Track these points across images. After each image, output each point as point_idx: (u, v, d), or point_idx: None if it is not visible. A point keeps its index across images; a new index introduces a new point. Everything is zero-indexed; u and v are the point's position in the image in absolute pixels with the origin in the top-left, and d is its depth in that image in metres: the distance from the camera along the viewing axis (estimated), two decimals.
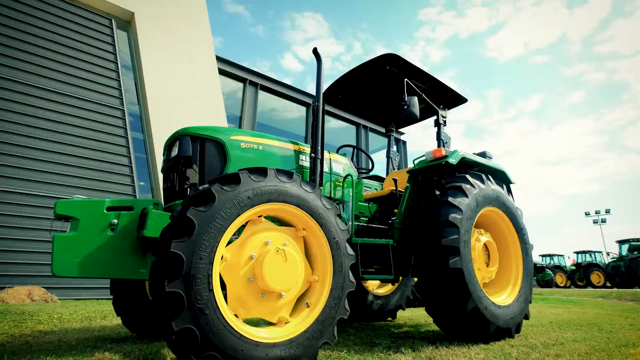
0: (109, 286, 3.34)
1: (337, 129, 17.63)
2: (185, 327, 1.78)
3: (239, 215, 2.05)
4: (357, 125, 17.97)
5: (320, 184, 3.16)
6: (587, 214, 31.99)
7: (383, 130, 5.56)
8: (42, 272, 8.18)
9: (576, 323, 4.84)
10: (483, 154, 4.24)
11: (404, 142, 20.00)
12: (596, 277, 21.74)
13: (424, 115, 5.01)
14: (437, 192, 3.52)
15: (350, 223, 3.30)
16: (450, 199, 3.31)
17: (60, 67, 9.57)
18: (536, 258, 26.49)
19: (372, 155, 5.14)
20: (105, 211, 2.49)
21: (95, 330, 3.68)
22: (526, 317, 3.64)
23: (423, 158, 3.87)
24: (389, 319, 4.98)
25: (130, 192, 9.85)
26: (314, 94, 3.30)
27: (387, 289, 5.05)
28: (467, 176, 3.56)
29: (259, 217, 2.25)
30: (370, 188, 4.93)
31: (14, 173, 8.44)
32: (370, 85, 4.50)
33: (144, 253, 2.60)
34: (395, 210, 3.88)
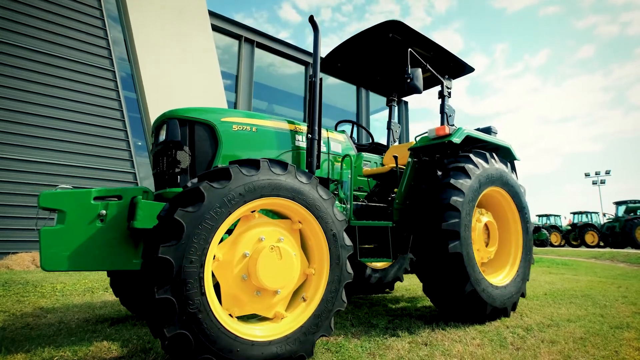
0: None
1: (336, 86, 17.06)
2: (178, 333, 1.74)
3: (230, 214, 1.95)
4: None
5: (318, 166, 3.03)
6: (586, 174, 32.01)
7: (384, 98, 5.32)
8: None
9: (570, 294, 4.92)
10: (488, 130, 4.06)
11: (406, 103, 19.51)
12: (590, 237, 22.20)
13: (427, 85, 4.76)
14: (439, 173, 3.39)
15: (349, 206, 3.21)
16: (452, 180, 3.19)
17: (48, 26, 9.04)
18: (533, 218, 26.89)
19: (373, 117, 4.96)
20: (92, 202, 2.38)
21: (96, 307, 3.72)
22: (523, 295, 3.67)
23: (425, 134, 3.70)
24: (387, 290, 5.06)
25: (126, 157, 9.71)
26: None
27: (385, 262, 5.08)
28: (471, 155, 3.42)
29: (252, 212, 2.14)
30: (369, 162, 4.80)
31: (14, 140, 8.29)
32: (371, 53, 4.22)
33: (136, 243, 2.52)
34: (395, 190, 3.78)
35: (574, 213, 24.37)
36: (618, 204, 21.60)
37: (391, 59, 4.31)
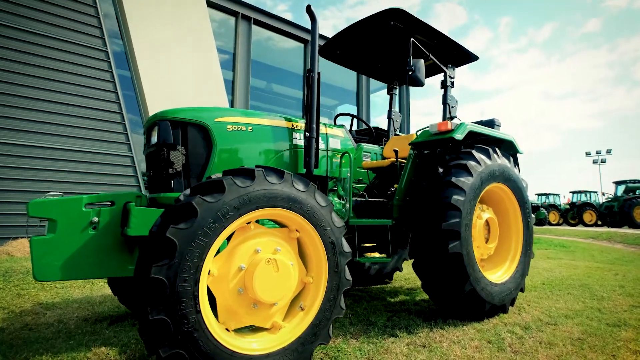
0: None
1: (336, 67, 16.68)
2: (173, 353, 1.71)
3: (225, 228, 1.89)
4: None
5: (316, 165, 2.95)
6: (587, 153, 31.83)
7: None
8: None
9: (568, 284, 4.95)
10: (491, 122, 3.96)
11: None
12: (588, 216, 22.35)
13: (430, 73, 4.61)
14: (440, 170, 3.31)
15: (348, 205, 3.15)
16: (453, 179, 3.12)
17: (34, 3, 8.68)
18: (532, 197, 26.99)
19: (373, 96, 4.84)
20: (83, 209, 2.32)
21: (95, 303, 3.73)
22: (521, 290, 3.67)
23: (427, 129, 3.60)
24: (387, 280, 5.08)
25: (122, 139, 9.56)
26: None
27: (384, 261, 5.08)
28: (473, 152, 3.34)
29: (247, 223, 2.08)
30: (369, 153, 4.71)
31: (15, 125, 8.17)
32: (372, 41, 4.05)
33: (131, 249, 2.48)
34: (395, 186, 3.72)
35: (573, 192, 24.43)
36: (617, 183, 21.61)
37: (392, 47, 4.15)
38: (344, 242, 2.37)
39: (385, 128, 5.48)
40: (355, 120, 4.41)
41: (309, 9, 3.01)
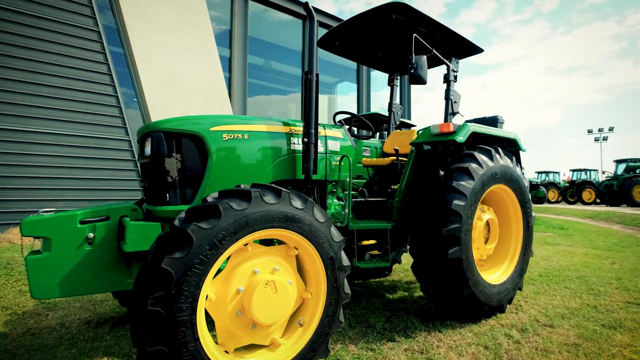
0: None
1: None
2: None
3: (221, 254, 1.86)
4: None
5: (315, 171, 2.89)
6: (589, 131, 31.52)
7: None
8: (48, 200, 8.35)
9: (565, 275, 5.00)
10: (495, 120, 3.86)
11: None
12: (587, 194, 22.42)
13: (432, 64, 4.46)
14: (442, 173, 3.25)
15: (347, 211, 3.11)
16: (455, 183, 3.07)
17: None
18: (532, 175, 26.98)
19: (373, 72, 4.73)
20: (78, 225, 2.29)
21: (97, 303, 3.76)
22: (519, 288, 3.70)
23: (429, 128, 3.51)
24: (386, 272, 5.12)
25: (114, 103, 9.33)
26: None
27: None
28: (475, 153, 3.27)
29: (245, 245, 2.05)
30: (369, 147, 4.64)
31: (13, 110, 8.02)
32: (373, 33, 3.89)
33: (129, 263, 2.47)
34: (395, 187, 3.67)
35: (573, 170, 24.39)
36: (618, 162, 21.52)
37: (394, 39, 3.99)
38: (343, 257, 2.35)
39: (386, 114, 5.36)
40: (355, 116, 4.30)
41: (306, 6, 2.86)
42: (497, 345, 2.81)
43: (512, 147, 3.95)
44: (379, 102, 18.19)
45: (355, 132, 4.39)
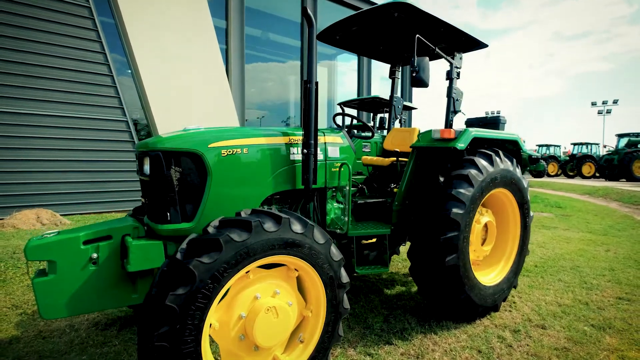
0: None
1: (335, 16, 15.66)
2: None
3: (224, 286, 1.90)
4: None
5: (315, 181, 2.89)
6: (593, 103, 30.98)
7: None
8: (49, 190, 8.41)
9: (559, 266, 5.12)
10: (497, 119, 3.81)
11: None
12: (587, 169, 22.44)
13: (434, 57, 4.34)
14: (441, 179, 3.25)
15: (347, 219, 3.14)
16: (454, 191, 3.08)
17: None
18: (533, 147, 26.86)
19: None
20: (82, 247, 2.32)
21: None
22: (514, 286, 3.80)
23: (430, 131, 3.47)
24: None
25: (109, 82, 9.24)
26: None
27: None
28: (475, 159, 3.26)
29: (246, 272, 2.09)
30: (369, 143, 4.61)
31: (16, 93, 7.94)
32: (375, 30, 3.77)
33: (134, 279, 2.53)
34: (395, 189, 3.68)
35: (574, 144, 24.28)
36: (620, 136, 21.38)
37: (396, 37, 3.86)
38: (342, 274, 2.40)
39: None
40: (354, 112, 4.23)
41: (305, 12, 2.74)
42: (489, 349, 2.93)
43: (513, 147, 3.92)
44: (380, 72, 17.80)
45: (355, 133, 4.34)
